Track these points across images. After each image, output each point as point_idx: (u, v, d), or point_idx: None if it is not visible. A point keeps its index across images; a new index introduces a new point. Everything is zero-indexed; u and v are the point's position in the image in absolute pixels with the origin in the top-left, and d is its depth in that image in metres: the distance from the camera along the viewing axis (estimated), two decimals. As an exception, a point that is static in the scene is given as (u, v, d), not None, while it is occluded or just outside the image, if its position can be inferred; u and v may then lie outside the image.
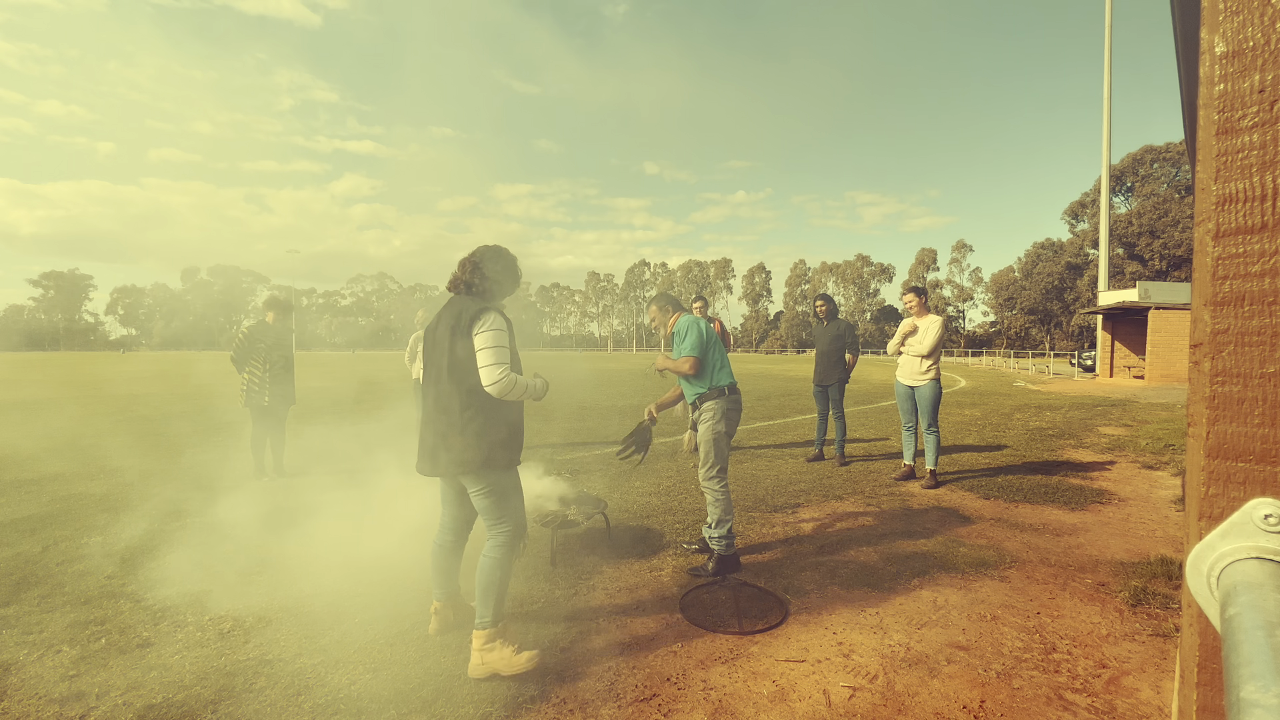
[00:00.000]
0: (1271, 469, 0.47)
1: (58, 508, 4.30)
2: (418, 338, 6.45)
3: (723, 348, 3.38)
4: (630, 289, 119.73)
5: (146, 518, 4.03)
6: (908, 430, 5.38)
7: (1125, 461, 6.26)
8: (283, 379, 5.18)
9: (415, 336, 6.56)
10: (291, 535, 3.68)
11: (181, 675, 2.18)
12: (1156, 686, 2.13)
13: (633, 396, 13.51)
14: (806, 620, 2.64)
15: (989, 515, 4.26)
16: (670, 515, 4.21)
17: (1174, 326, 19.55)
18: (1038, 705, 2.02)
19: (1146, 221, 55.99)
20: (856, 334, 6.16)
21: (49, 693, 2.07)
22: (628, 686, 2.13)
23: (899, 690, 2.10)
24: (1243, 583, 0.40)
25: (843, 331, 6.11)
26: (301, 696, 2.05)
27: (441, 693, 2.07)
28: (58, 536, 3.66)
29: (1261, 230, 0.47)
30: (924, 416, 5.17)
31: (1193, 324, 0.53)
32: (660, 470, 5.72)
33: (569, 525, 3.37)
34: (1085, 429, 8.66)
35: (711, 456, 3.22)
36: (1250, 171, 0.47)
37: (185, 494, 4.68)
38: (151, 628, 2.53)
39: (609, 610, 2.73)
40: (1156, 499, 4.75)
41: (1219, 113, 0.49)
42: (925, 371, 5.15)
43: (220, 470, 5.52)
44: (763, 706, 2.01)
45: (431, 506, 3.63)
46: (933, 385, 5.13)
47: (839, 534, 3.83)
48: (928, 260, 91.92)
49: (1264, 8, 0.46)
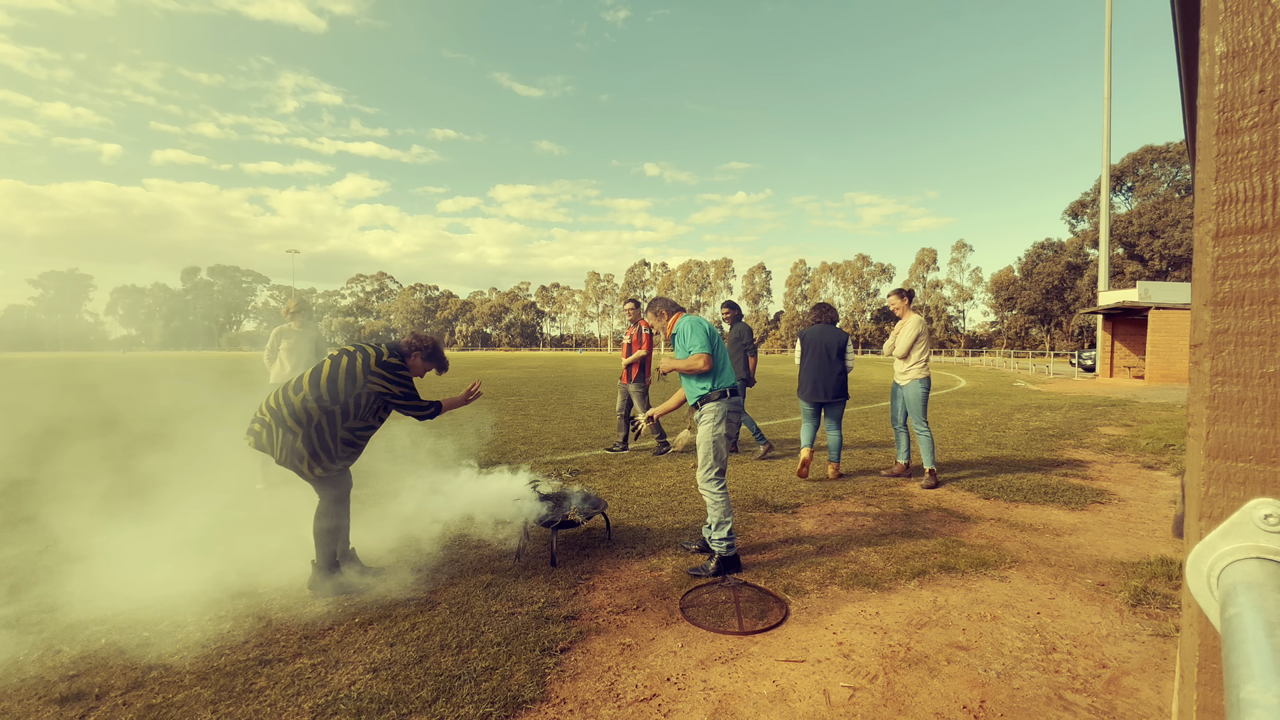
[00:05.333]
0: (1271, 469, 0.47)
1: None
2: (281, 332, 5.35)
3: (725, 348, 3.38)
4: (630, 289, 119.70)
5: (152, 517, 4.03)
6: (895, 428, 5.52)
7: (1125, 461, 6.26)
8: None
9: (278, 331, 5.37)
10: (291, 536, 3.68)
11: (181, 675, 2.18)
12: (1156, 686, 2.13)
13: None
14: (806, 620, 2.64)
15: (989, 515, 4.25)
16: (670, 515, 4.21)
17: (1174, 326, 19.54)
18: (1038, 705, 2.02)
19: (1146, 221, 55.96)
20: (754, 337, 6.53)
21: (49, 693, 2.07)
22: (628, 686, 2.13)
23: (899, 690, 2.10)
24: (1243, 583, 0.40)
25: (741, 334, 6.42)
26: (301, 696, 2.05)
27: (441, 693, 2.07)
28: (57, 536, 3.66)
29: (1261, 230, 0.46)
30: (911, 415, 5.26)
31: (1193, 324, 0.53)
32: (660, 470, 5.72)
33: (569, 525, 3.37)
34: (1085, 429, 8.65)
35: (710, 459, 3.21)
36: (1250, 171, 0.47)
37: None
38: (151, 628, 2.53)
39: (609, 610, 2.73)
40: (1156, 499, 4.75)
41: (1219, 113, 0.48)
42: (906, 371, 5.26)
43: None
44: (763, 706, 2.01)
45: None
46: (916, 384, 5.19)
47: (839, 534, 3.83)
48: (928, 260, 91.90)
49: (1264, 8, 0.46)
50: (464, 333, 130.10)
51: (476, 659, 2.29)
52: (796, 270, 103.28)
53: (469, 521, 3.94)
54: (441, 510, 4.03)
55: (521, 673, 2.20)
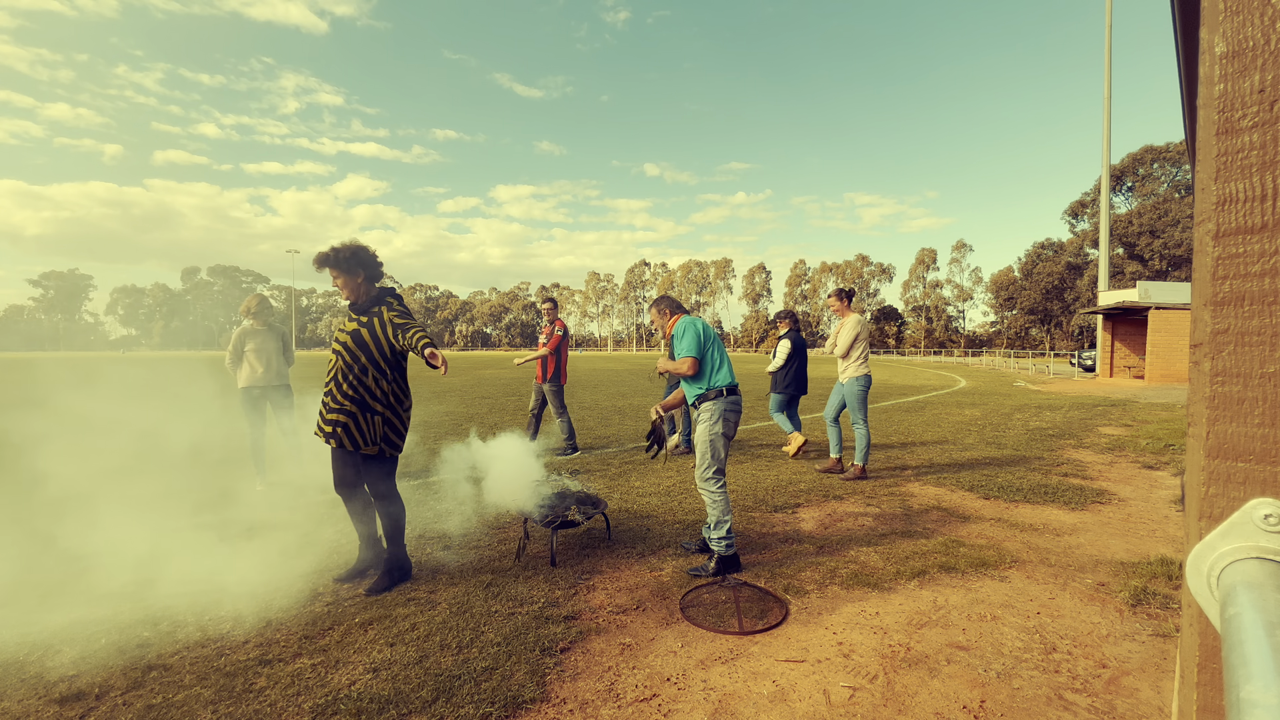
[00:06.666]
0: (1271, 469, 0.47)
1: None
2: (244, 333, 5.01)
3: (723, 348, 3.38)
4: (630, 289, 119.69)
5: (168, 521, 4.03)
6: (827, 422, 5.70)
7: (1125, 461, 6.26)
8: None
9: (241, 332, 5.02)
10: (286, 537, 3.68)
11: (181, 675, 2.18)
12: (1156, 686, 2.13)
13: (633, 396, 13.51)
14: (806, 620, 2.64)
15: (989, 515, 4.25)
16: (670, 515, 4.21)
17: (1174, 326, 19.54)
18: (1038, 705, 2.01)
19: (1146, 221, 55.95)
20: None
21: (49, 693, 2.07)
22: (628, 686, 2.13)
23: (899, 690, 2.10)
24: (1243, 583, 0.40)
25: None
26: (301, 696, 2.05)
27: (441, 693, 2.07)
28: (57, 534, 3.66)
29: (1261, 230, 0.46)
30: (851, 411, 5.47)
31: (1193, 324, 0.53)
32: (660, 470, 5.72)
33: (569, 525, 3.37)
34: (1085, 429, 8.65)
35: (708, 458, 3.21)
36: (1250, 171, 0.47)
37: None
38: (151, 628, 2.53)
39: (609, 610, 2.73)
40: (1156, 499, 4.75)
41: (1219, 113, 0.48)
42: (846, 369, 5.48)
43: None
44: (763, 706, 2.01)
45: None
46: (855, 382, 5.40)
47: (839, 534, 3.83)
48: (928, 260, 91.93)
49: (1264, 8, 0.46)
50: (464, 333, 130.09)
51: (476, 659, 2.29)
52: (796, 270, 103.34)
53: (469, 521, 3.94)
54: (442, 510, 4.02)
55: (521, 673, 2.20)
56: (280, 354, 5.12)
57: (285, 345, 5.20)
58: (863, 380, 5.37)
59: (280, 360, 5.11)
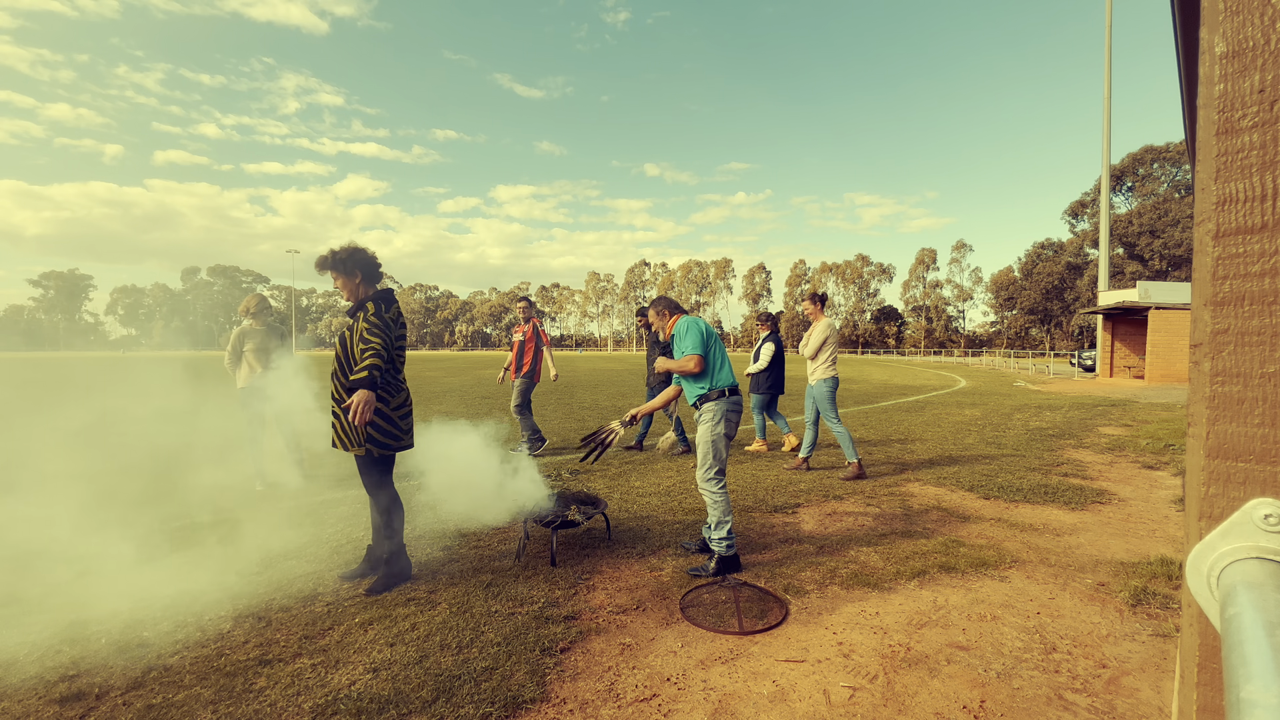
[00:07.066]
0: (1271, 469, 0.47)
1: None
2: (244, 333, 4.89)
3: (724, 348, 3.38)
4: (630, 289, 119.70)
5: (152, 517, 4.03)
6: (806, 423, 5.84)
7: (1125, 461, 6.26)
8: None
9: (240, 332, 4.88)
10: (287, 534, 3.68)
11: (181, 675, 2.18)
12: (1156, 686, 2.13)
13: (633, 396, 13.50)
14: (806, 620, 2.64)
15: (989, 515, 4.25)
16: (670, 515, 4.21)
17: (1174, 326, 19.54)
18: (1038, 705, 2.01)
19: (1146, 221, 55.95)
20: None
21: (49, 693, 2.07)
22: (628, 686, 2.13)
23: (899, 690, 2.10)
24: (1243, 583, 0.40)
25: (656, 342, 6.71)
26: (301, 696, 2.05)
27: (441, 693, 2.07)
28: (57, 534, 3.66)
29: (1261, 230, 0.46)
30: (821, 411, 5.62)
31: (1193, 324, 0.53)
32: (660, 470, 5.72)
33: (569, 525, 3.37)
34: (1085, 429, 8.65)
35: (710, 459, 3.21)
36: (1250, 171, 0.47)
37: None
38: (151, 628, 2.53)
39: (609, 610, 2.73)
40: (1156, 499, 4.75)
41: (1219, 113, 0.48)
42: (814, 370, 5.65)
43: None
44: (763, 706, 2.01)
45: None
46: (823, 384, 5.58)
47: (839, 534, 3.83)
48: (928, 260, 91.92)
49: (1264, 8, 0.46)
50: (464, 332, 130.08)
51: (476, 659, 2.29)
52: (796, 270, 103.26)
53: (469, 520, 3.94)
54: (441, 510, 4.02)
55: (521, 673, 2.20)
56: (282, 353, 5.14)
57: (286, 346, 5.21)
58: (830, 382, 5.56)
59: (283, 360, 5.12)
